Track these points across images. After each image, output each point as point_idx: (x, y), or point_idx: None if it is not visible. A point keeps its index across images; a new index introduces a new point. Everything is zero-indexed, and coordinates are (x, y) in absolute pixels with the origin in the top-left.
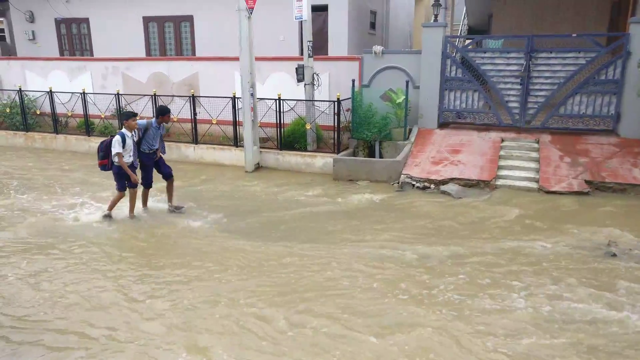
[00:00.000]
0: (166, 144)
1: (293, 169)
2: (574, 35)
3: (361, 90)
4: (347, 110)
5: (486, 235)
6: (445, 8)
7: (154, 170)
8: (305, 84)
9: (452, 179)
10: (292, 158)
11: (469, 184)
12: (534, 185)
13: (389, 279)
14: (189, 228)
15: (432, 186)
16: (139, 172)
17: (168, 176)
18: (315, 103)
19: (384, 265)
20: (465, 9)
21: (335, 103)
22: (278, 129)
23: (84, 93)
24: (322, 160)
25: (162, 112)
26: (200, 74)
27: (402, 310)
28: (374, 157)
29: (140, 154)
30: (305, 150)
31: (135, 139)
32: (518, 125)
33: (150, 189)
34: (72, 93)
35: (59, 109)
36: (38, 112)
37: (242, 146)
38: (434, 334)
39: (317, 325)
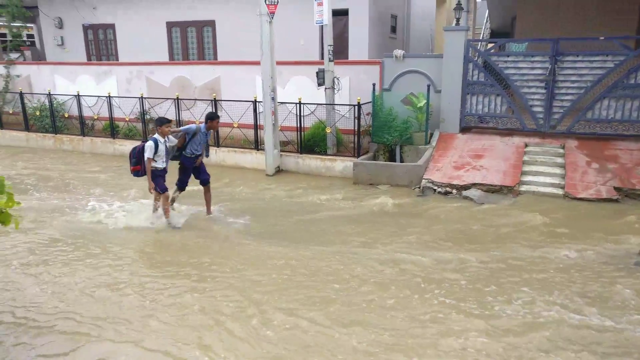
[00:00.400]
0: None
1: (313, 172)
2: (602, 38)
3: (382, 94)
4: (368, 114)
5: (510, 242)
6: (467, 11)
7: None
8: (325, 88)
9: (474, 184)
10: (312, 161)
11: (491, 189)
12: (559, 191)
13: (414, 285)
14: (214, 231)
15: (454, 191)
16: (173, 176)
17: (205, 182)
18: (336, 107)
19: (406, 270)
20: (487, 12)
21: (356, 107)
22: (298, 132)
23: (109, 97)
24: (342, 164)
25: (211, 118)
26: (222, 78)
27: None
28: (394, 161)
29: (182, 157)
30: (325, 153)
31: (168, 145)
32: (542, 130)
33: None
34: (98, 97)
35: (86, 112)
36: (66, 115)
37: (263, 149)
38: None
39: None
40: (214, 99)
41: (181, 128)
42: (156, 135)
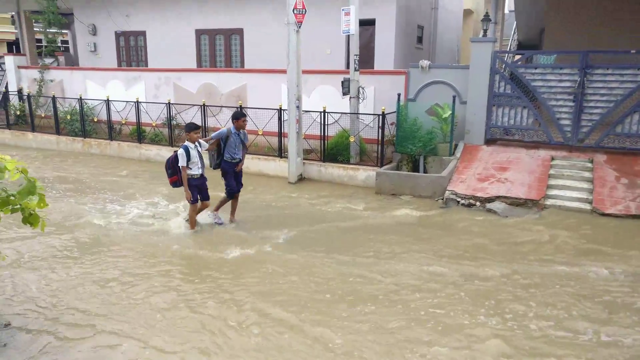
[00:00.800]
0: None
1: (335, 181)
2: (633, 51)
3: (407, 104)
4: (392, 124)
5: (534, 257)
6: (494, 23)
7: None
8: (350, 97)
9: (498, 197)
10: (334, 170)
11: (516, 202)
12: (586, 206)
13: (434, 300)
14: (238, 239)
15: (478, 204)
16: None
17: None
18: (360, 116)
19: (427, 283)
20: (515, 23)
21: (380, 116)
22: (322, 141)
23: (137, 102)
24: (365, 174)
25: (236, 116)
26: (248, 86)
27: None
28: (418, 172)
29: (223, 163)
30: (348, 162)
31: (200, 150)
32: (570, 144)
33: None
34: (127, 102)
35: (114, 117)
36: (95, 120)
37: (286, 157)
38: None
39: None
40: (240, 106)
41: (212, 135)
42: (186, 142)
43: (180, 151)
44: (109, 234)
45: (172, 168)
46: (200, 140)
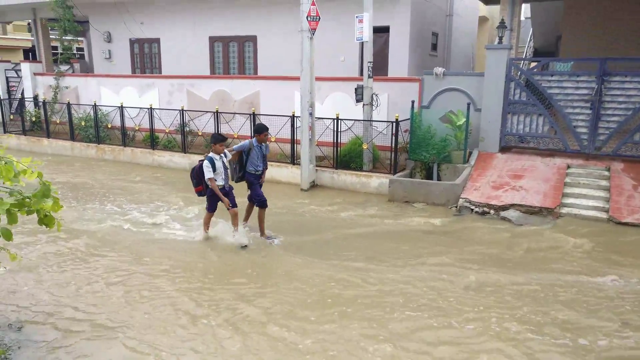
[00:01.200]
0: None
1: (348, 188)
2: None
3: (421, 111)
4: (405, 131)
5: (549, 265)
6: (510, 30)
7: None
8: (363, 104)
9: (512, 205)
10: (347, 177)
11: (530, 210)
12: (602, 215)
13: (446, 307)
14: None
15: (492, 211)
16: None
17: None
18: (373, 123)
19: (440, 291)
20: (531, 30)
21: (394, 123)
22: (335, 148)
23: (151, 108)
24: (378, 181)
25: (257, 131)
26: (261, 93)
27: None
28: (431, 179)
29: (247, 175)
30: (361, 169)
31: (225, 161)
32: (586, 152)
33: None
34: (140, 108)
35: (128, 123)
36: (109, 126)
37: (299, 164)
38: None
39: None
40: (253, 113)
41: (234, 147)
42: (211, 154)
43: (206, 162)
44: (118, 238)
45: (197, 178)
46: (226, 150)
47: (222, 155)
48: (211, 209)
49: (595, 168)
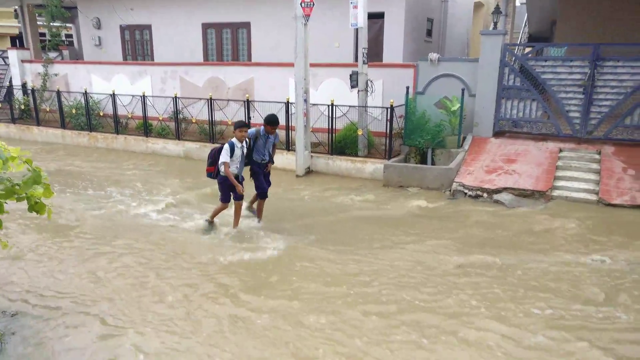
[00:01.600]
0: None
1: (343, 173)
2: None
3: (415, 97)
4: (400, 117)
5: (540, 246)
6: (505, 15)
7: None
8: (358, 91)
9: (505, 189)
10: (342, 163)
11: (523, 194)
12: (592, 197)
13: (438, 289)
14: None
15: (485, 195)
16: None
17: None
18: (368, 109)
19: (432, 273)
20: (526, 16)
21: (388, 109)
22: (330, 134)
23: (143, 96)
24: (373, 166)
25: (269, 122)
26: (255, 79)
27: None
28: (426, 164)
29: (252, 163)
30: (356, 155)
31: (245, 150)
32: (578, 136)
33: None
34: (133, 96)
35: (120, 111)
36: (101, 114)
37: (294, 150)
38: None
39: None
40: (247, 99)
41: None
42: (233, 139)
43: (226, 146)
44: (111, 225)
45: (213, 158)
46: (247, 139)
47: (244, 144)
48: (226, 199)
49: (586, 152)
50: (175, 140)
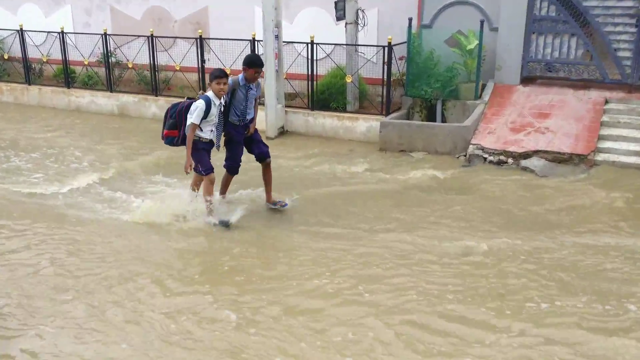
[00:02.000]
0: (163, 99)
1: (328, 134)
2: None
3: (420, 32)
4: (401, 59)
5: (581, 227)
6: None
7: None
8: (346, 23)
9: (536, 152)
10: (326, 121)
11: (558, 158)
12: None
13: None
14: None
15: (510, 160)
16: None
17: (265, 155)
18: (359, 48)
19: (443, 263)
20: None
21: (386, 49)
22: (309, 82)
23: (62, 33)
24: (366, 124)
25: (248, 63)
26: (210, 9)
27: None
28: (434, 120)
29: (228, 126)
30: (345, 110)
31: (222, 109)
32: (630, 82)
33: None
34: (48, 33)
35: (32, 53)
36: (6, 57)
37: (262, 104)
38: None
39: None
40: (200, 36)
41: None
42: (210, 93)
43: (199, 102)
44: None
45: (176, 118)
46: (225, 96)
47: (222, 101)
48: (208, 168)
49: (639, 103)
50: (107, 92)
